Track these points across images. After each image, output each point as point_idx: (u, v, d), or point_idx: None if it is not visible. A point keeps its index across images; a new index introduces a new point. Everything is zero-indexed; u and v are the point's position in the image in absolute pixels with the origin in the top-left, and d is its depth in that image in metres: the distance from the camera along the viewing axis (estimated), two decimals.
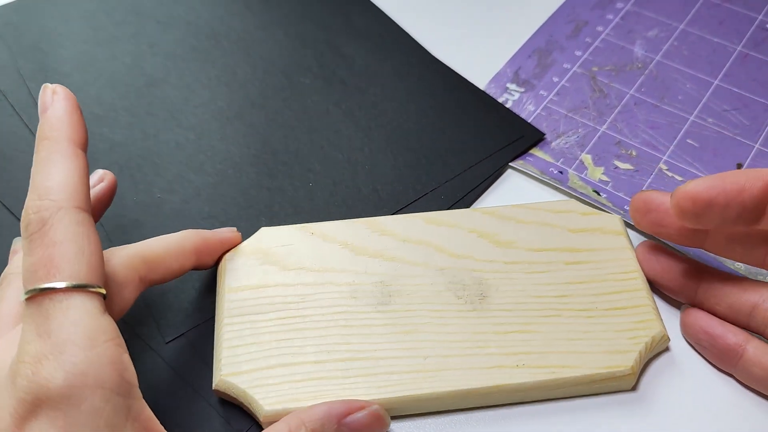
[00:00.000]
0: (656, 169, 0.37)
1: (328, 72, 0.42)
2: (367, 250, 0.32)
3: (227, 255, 0.32)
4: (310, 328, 0.29)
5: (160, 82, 0.41)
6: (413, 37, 0.44)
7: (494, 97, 0.41)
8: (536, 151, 0.38)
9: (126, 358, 0.23)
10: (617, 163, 0.37)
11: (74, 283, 0.22)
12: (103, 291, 0.23)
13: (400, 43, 0.43)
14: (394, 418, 0.28)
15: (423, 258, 0.32)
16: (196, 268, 0.30)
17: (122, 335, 0.31)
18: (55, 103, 0.26)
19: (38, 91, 0.39)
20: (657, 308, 0.30)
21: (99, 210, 0.31)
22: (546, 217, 0.33)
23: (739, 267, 0.33)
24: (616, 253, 0.32)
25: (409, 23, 0.45)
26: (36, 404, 0.21)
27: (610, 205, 0.35)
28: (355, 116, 0.39)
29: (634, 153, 0.37)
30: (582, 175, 0.36)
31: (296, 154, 0.38)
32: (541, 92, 0.41)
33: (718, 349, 0.29)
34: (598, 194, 0.36)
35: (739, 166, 0.36)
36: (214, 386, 0.28)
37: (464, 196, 0.36)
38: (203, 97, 0.40)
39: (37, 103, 0.39)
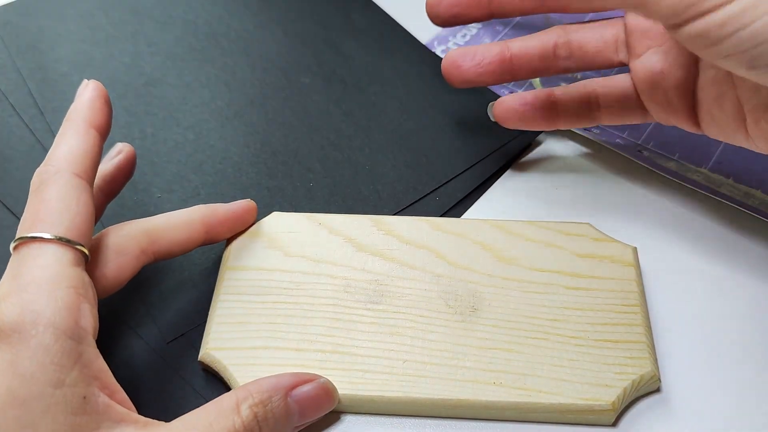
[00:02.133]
0: None
1: (327, 71, 0.41)
2: (369, 248, 0.32)
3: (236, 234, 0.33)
4: (299, 315, 0.30)
5: (158, 82, 0.41)
6: (411, 32, 0.44)
7: (453, 32, 0.44)
8: None
9: (86, 307, 0.24)
10: (563, 84, 0.39)
11: (54, 234, 0.24)
12: (84, 249, 0.25)
13: (401, 42, 0.43)
14: (364, 413, 0.29)
15: (422, 263, 0.32)
16: (208, 242, 0.31)
17: (123, 336, 0.31)
18: (84, 92, 0.28)
19: (38, 91, 0.40)
20: (653, 347, 0.29)
21: (120, 180, 0.32)
22: (556, 238, 0.32)
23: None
24: (621, 284, 0.31)
25: (405, 18, 0.45)
26: None
27: None
28: (355, 116, 0.39)
29: (578, 76, 0.40)
30: None
31: (296, 153, 0.38)
32: (497, 27, 0.44)
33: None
34: None
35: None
36: (199, 358, 0.29)
37: (464, 198, 0.36)
38: (202, 96, 0.40)
39: (37, 103, 0.39)
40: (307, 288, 0.31)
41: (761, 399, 0.29)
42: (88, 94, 0.28)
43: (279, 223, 0.33)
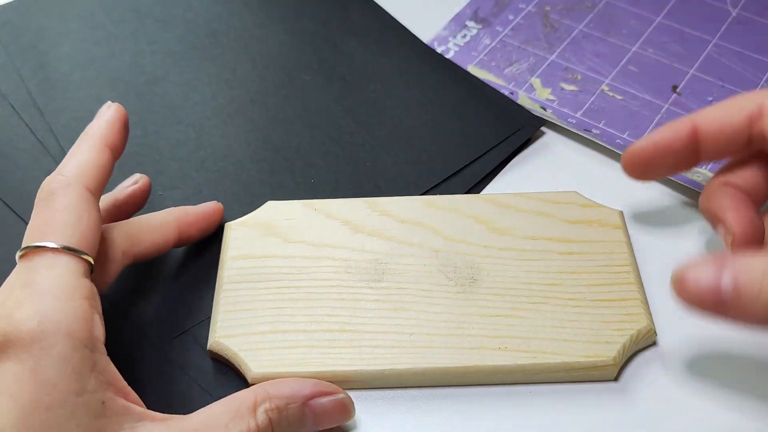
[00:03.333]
0: (599, 90, 0.40)
1: (327, 68, 0.42)
2: (366, 229, 0.33)
3: (233, 224, 0.33)
4: (304, 299, 0.30)
5: (159, 80, 0.41)
6: (410, 29, 0.44)
7: (453, 33, 0.44)
8: (490, 77, 0.42)
9: (97, 318, 0.25)
10: (563, 85, 0.41)
11: (65, 245, 0.24)
12: (91, 260, 0.25)
13: (400, 39, 0.43)
14: (374, 389, 0.29)
15: (419, 239, 0.32)
16: (180, 244, 0.32)
17: (129, 333, 0.31)
18: (105, 113, 0.29)
19: (38, 91, 0.40)
20: (647, 303, 0.30)
21: (129, 208, 0.33)
22: (545, 207, 0.34)
23: None
24: (611, 246, 0.32)
25: (405, 16, 0.45)
26: (7, 344, 0.23)
27: (555, 118, 0.39)
28: (356, 112, 0.39)
29: (579, 77, 0.41)
30: (531, 95, 0.40)
31: (297, 150, 0.38)
32: (497, 28, 0.44)
33: (670, 145, 0.30)
34: (544, 110, 0.39)
35: (675, 87, 0.40)
36: (208, 347, 0.29)
37: (465, 193, 0.36)
38: (203, 94, 0.40)
39: (36, 104, 0.39)
40: (309, 272, 0.31)
41: (751, 345, 0.30)
42: (108, 114, 0.29)
43: (275, 211, 0.34)
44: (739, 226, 0.28)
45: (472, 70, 0.42)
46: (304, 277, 0.31)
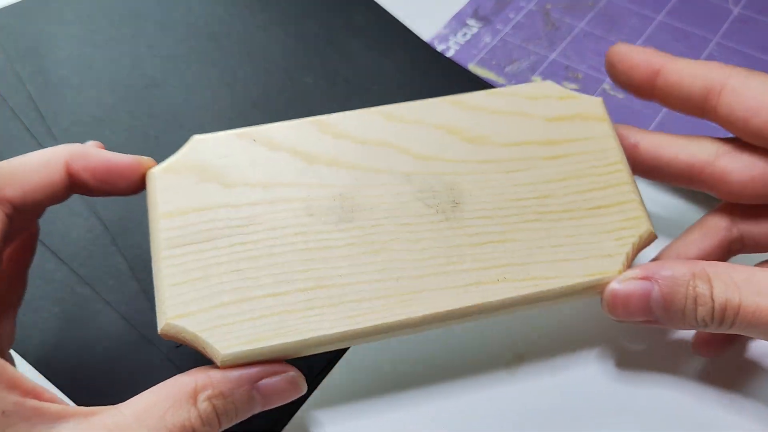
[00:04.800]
0: (599, 89, 0.41)
1: (330, 70, 0.41)
2: (320, 158, 0.28)
3: (155, 172, 0.27)
4: (264, 255, 0.26)
5: (160, 84, 0.40)
6: (412, 30, 0.44)
7: (454, 31, 0.44)
8: (491, 75, 0.42)
9: None
10: (564, 83, 0.41)
11: None
12: None
13: (402, 40, 0.43)
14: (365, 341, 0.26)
15: (385, 163, 0.28)
16: (76, 191, 0.27)
17: (136, 343, 0.31)
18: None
19: (38, 95, 0.39)
20: (642, 201, 0.28)
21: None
22: (521, 104, 0.30)
23: None
24: (598, 143, 0.29)
25: (407, 17, 0.45)
26: None
27: None
28: None
29: (580, 75, 0.42)
30: None
31: None
32: (498, 26, 0.44)
33: (635, 67, 0.30)
34: None
35: None
36: (159, 330, 0.24)
37: None
38: (204, 97, 0.40)
39: (37, 107, 0.39)
40: (263, 220, 0.26)
41: None
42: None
43: (205, 148, 0.28)
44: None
45: (473, 68, 0.42)
46: (259, 228, 0.26)
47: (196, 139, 0.28)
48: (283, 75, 0.41)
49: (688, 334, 0.32)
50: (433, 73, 0.41)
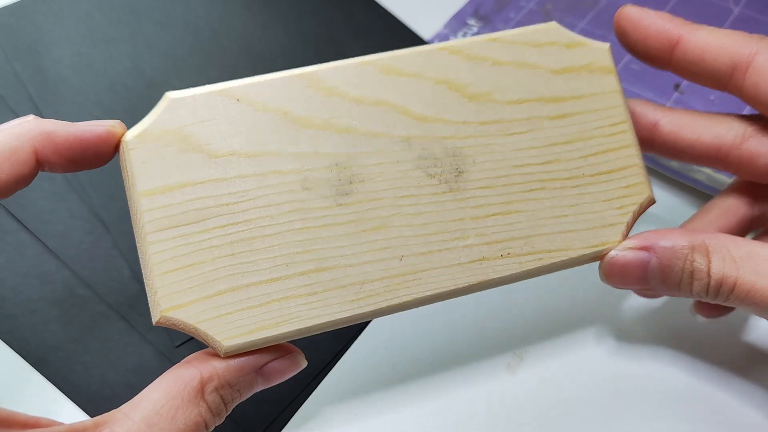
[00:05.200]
0: None
1: None
2: (312, 120, 0.25)
3: (130, 141, 0.24)
4: (259, 236, 0.24)
5: (160, 83, 0.40)
6: (412, 30, 0.44)
7: (454, 31, 0.44)
8: None
9: None
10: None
11: None
12: None
13: (404, 40, 0.43)
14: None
15: (383, 125, 0.25)
16: (51, 170, 0.24)
17: (133, 342, 0.31)
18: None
19: (37, 94, 0.39)
20: (644, 165, 0.27)
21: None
22: (526, 54, 0.27)
23: None
24: (604, 100, 0.27)
25: (407, 16, 0.45)
26: None
27: None
28: None
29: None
30: None
31: None
32: (498, 26, 0.45)
33: (650, 36, 0.28)
34: None
35: (677, 86, 0.40)
36: (154, 323, 0.23)
37: None
38: None
39: (37, 106, 0.39)
40: (255, 196, 0.24)
41: None
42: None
43: (183, 110, 0.24)
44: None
45: None
46: (252, 206, 0.24)
47: (171, 97, 0.24)
48: None
49: (689, 333, 0.32)
50: None
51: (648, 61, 0.29)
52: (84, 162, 0.24)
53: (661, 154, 0.30)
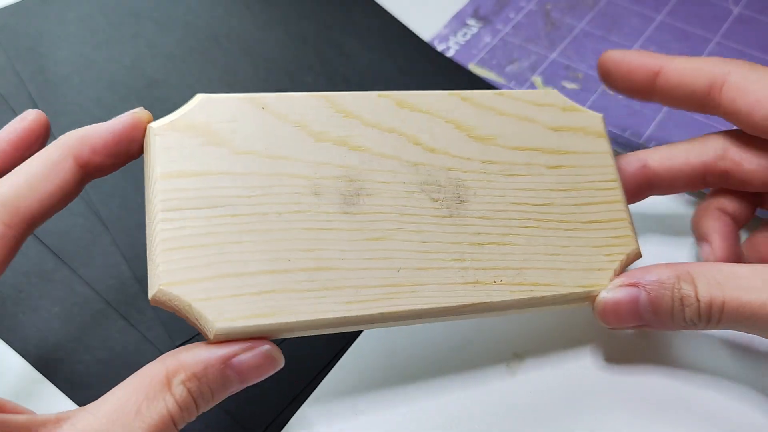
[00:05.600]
0: (600, 88, 0.41)
1: (330, 70, 0.41)
2: (328, 136, 0.27)
3: (155, 128, 0.25)
4: (267, 230, 0.25)
5: (160, 84, 0.40)
6: (412, 29, 0.44)
7: (454, 31, 0.44)
8: (491, 75, 0.42)
9: None
10: (565, 83, 0.41)
11: None
12: None
13: (403, 40, 0.43)
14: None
15: (394, 150, 0.27)
16: (90, 178, 0.25)
17: (133, 341, 0.31)
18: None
19: (38, 95, 0.39)
20: (632, 221, 0.29)
21: (20, 156, 0.26)
22: (527, 109, 0.30)
23: None
24: (597, 159, 0.30)
25: (407, 16, 0.45)
26: None
27: None
28: None
29: (580, 75, 0.42)
30: None
31: None
32: (498, 26, 0.45)
33: (633, 71, 0.32)
34: None
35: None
36: (150, 297, 0.23)
37: None
38: None
39: (37, 106, 0.39)
40: (267, 193, 0.25)
41: None
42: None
43: (211, 109, 0.26)
44: (722, 251, 0.31)
45: (473, 68, 0.42)
46: (263, 201, 0.25)
47: (202, 97, 0.26)
48: (283, 75, 0.41)
49: (688, 336, 0.32)
50: (433, 73, 0.41)
51: (633, 93, 0.32)
52: (122, 154, 0.25)
53: (657, 192, 0.32)
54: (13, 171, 0.24)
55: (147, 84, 0.40)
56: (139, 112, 0.26)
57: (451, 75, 0.41)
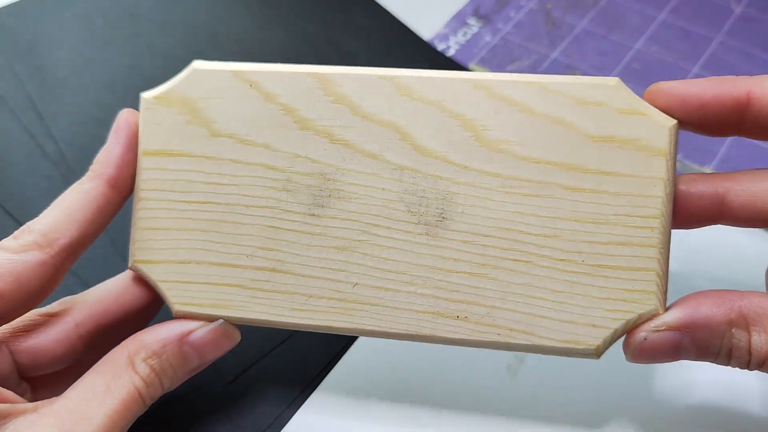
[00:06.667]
0: None
1: None
2: (313, 123, 0.25)
3: (147, 97, 0.26)
4: (232, 222, 0.25)
5: (159, 84, 0.40)
6: (412, 29, 0.44)
7: (454, 30, 0.44)
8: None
9: None
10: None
11: None
12: None
13: (403, 40, 0.43)
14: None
15: (381, 147, 0.25)
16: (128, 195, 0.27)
17: None
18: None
19: (37, 95, 0.39)
20: (665, 276, 0.23)
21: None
22: (566, 110, 0.24)
23: None
24: (641, 185, 0.23)
25: (407, 16, 0.44)
26: None
27: None
28: None
29: (581, 74, 0.41)
30: None
31: None
32: (498, 26, 0.44)
33: (718, 103, 0.23)
34: None
35: None
36: (129, 267, 0.26)
37: None
38: None
39: (36, 106, 0.39)
40: (238, 183, 0.25)
41: None
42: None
43: (201, 81, 0.26)
44: None
45: (474, 67, 0.42)
46: (233, 191, 0.25)
47: (196, 67, 0.26)
48: None
49: None
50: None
51: (712, 132, 0.24)
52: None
53: (733, 224, 0.25)
54: (51, 205, 0.26)
55: (146, 84, 0.40)
56: (125, 112, 0.27)
57: None
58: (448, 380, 0.30)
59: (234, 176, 0.25)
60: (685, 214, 0.24)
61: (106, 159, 0.26)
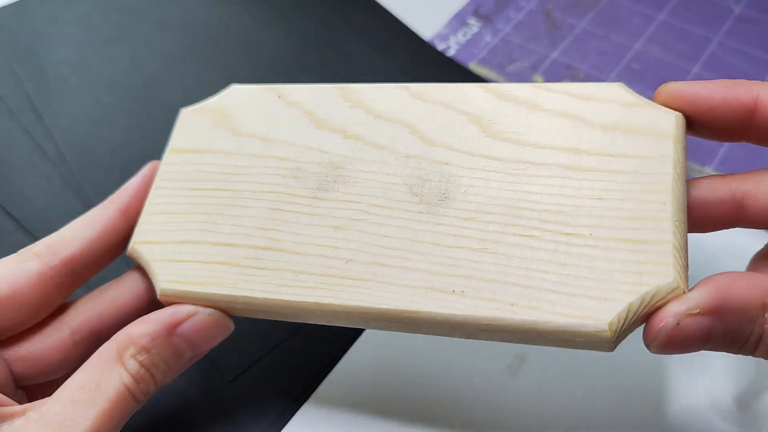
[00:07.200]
0: None
1: (330, 70, 0.41)
2: (329, 123, 0.27)
3: (186, 111, 0.29)
4: (237, 205, 0.25)
5: (158, 84, 0.40)
6: (412, 29, 0.44)
7: (454, 31, 0.44)
8: (492, 75, 0.41)
9: None
10: (566, 82, 0.40)
11: None
12: None
13: (404, 40, 0.43)
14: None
15: (389, 140, 0.25)
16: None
17: None
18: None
19: (36, 95, 0.39)
20: (683, 250, 0.21)
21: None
22: (571, 104, 0.24)
23: None
24: (651, 165, 0.22)
25: (406, 15, 0.45)
26: None
27: None
28: None
29: (581, 75, 0.41)
30: None
31: None
32: (499, 26, 0.44)
33: (727, 106, 0.23)
34: None
35: None
36: (127, 252, 0.26)
37: None
38: (203, 98, 0.40)
39: (35, 106, 0.39)
40: (251, 173, 0.26)
41: None
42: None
43: (235, 96, 0.29)
44: None
45: (474, 68, 0.42)
46: (245, 180, 0.26)
47: (234, 87, 0.29)
48: (282, 74, 0.41)
49: None
50: (433, 73, 0.41)
51: (718, 135, 0.24)
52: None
53: (746, 227, 0.24)
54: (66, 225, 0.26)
55: (145, 84, 0.40)
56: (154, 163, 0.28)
57: (452, 74, 0.41)
58: (448, 380, 0.30)
59: (246, 166, 0.26)
60: (704, 220, 0.24)
61: (124, 189, 0.27)
